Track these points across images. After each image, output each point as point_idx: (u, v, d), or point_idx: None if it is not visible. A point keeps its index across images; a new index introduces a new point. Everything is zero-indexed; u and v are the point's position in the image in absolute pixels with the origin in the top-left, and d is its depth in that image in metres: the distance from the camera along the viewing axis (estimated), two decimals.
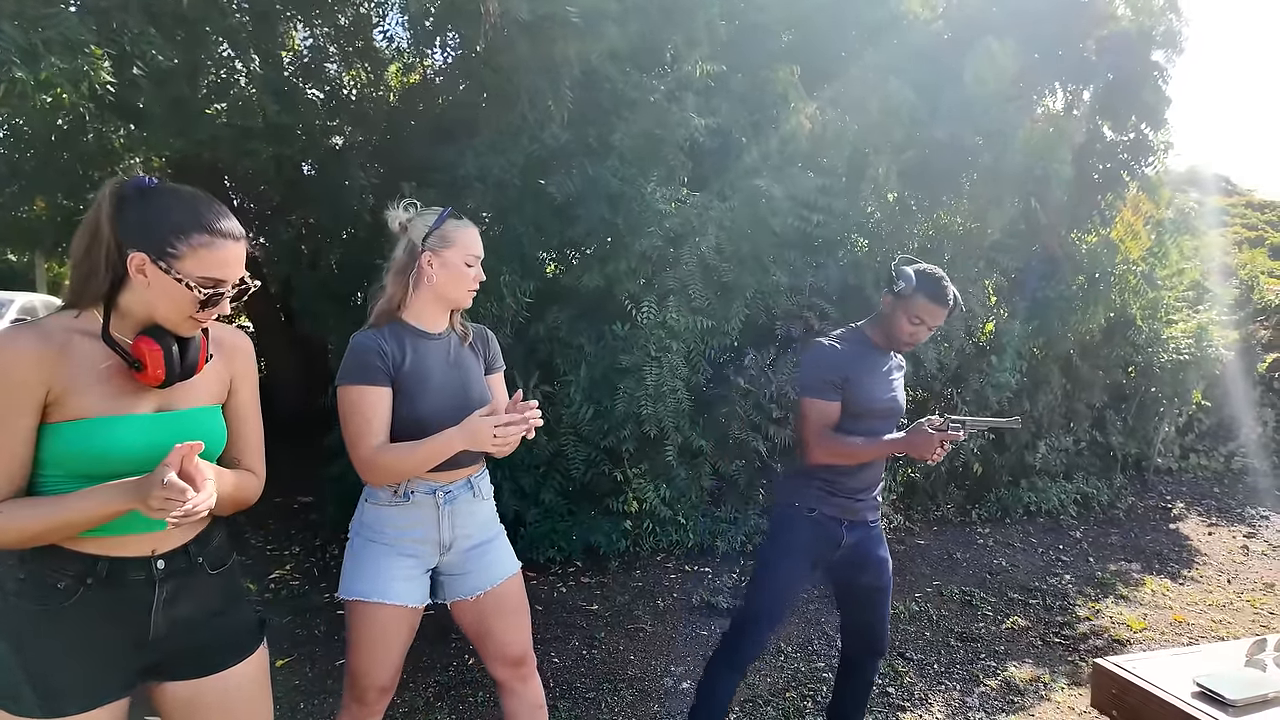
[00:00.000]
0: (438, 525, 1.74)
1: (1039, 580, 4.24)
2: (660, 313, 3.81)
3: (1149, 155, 5.20)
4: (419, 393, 1.68)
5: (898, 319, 2.08)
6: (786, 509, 2.15)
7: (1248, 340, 7.23)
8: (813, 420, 2.05)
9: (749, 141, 4.51)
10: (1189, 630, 3.65)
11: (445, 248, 1.71)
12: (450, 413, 1.66)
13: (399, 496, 1.70)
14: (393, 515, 1.70)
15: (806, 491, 2.12)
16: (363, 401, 1.63)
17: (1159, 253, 5.65)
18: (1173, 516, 5.52)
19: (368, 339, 1.67)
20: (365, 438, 1.62)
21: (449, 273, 1.72)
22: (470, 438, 1.57)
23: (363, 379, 1.63)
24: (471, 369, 1.82)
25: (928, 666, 3.23)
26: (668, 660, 3.19)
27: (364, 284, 5.00)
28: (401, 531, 1.71)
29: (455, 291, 1.74)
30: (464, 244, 1.73)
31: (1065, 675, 3.16)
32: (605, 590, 3.81)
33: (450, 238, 1.71)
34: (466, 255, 1.73)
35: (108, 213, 1.19)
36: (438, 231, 1.71)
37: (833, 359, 2.07)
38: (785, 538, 2.13)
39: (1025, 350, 5.14)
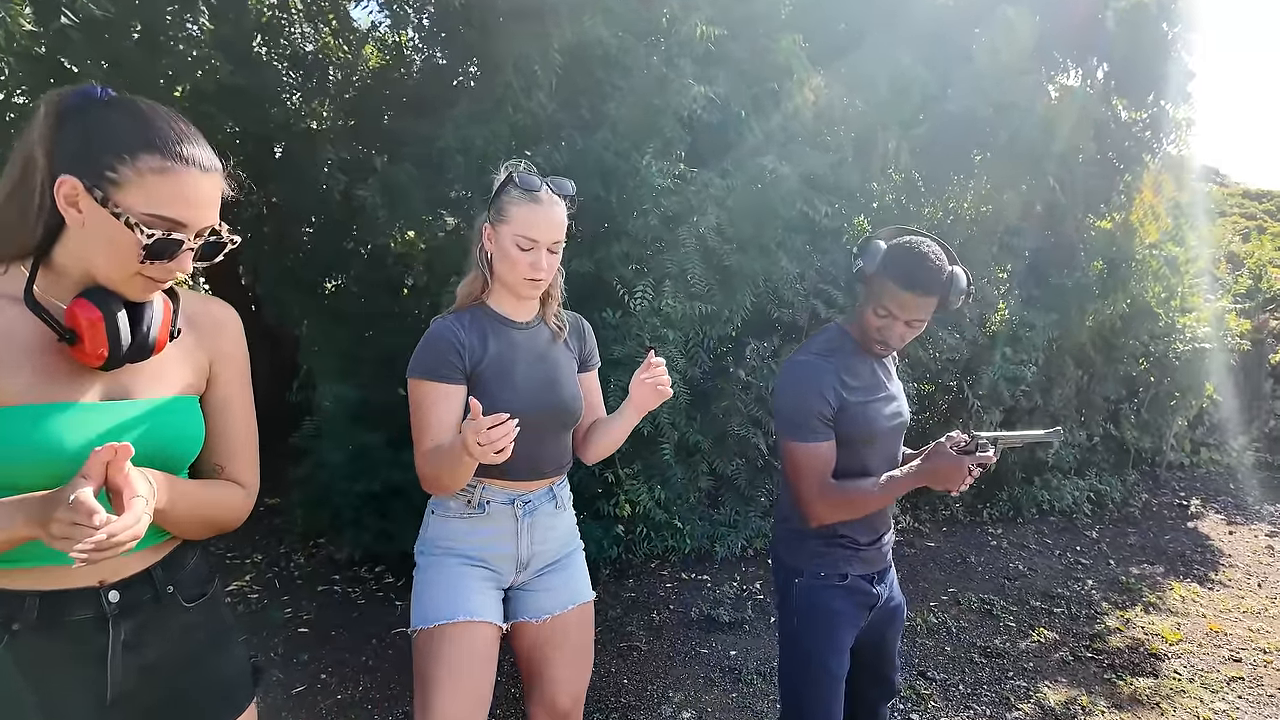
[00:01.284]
0: (516, 539, 1.54)
1: (1061, 586, 3.95)
2: (656, 299, 3.47)
3: (1170, 132, 4.91)
4: (500, 389, 1.46)
5: (863, 311, 1.61)
6: (812, 582, 1.64)
7: (1259, 330, 6.99)
8: (806, 471, 1.56)
9: (749, 116, 4.17)
10: (1227, 641, 3.37)
11: (500, 223, 1.48)
12: (535, 411, 1.47)
13: (473, 507, 1.51)
14: (465, 529, 1.51)
15: (830, 555, 1.64)
16: (426, 399, 1.44)
17: (1177, 237, 5.36)
18: (1190, 514, 5.26)
19: (444, 328, 1.47)
20: (423, 438, 1.43)
21: (501, 254, 1.48)
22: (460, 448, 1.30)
23: (430, 373, 1.44)
24: (562, 364, 1.58)
25: (952, 688, 2.93)
26: (665, 684, 2.87)
27: (333, 271, 4.66)
28: (477, 547, 1.51)
29: (509, 276, 1.49)
30: (520, 221, 1.45)
31: (1104, 697, 2.87)
32: (596, 604, 3.47)
33: (506, 212, 1.47)
34: (518, 236, 1.45)
35: (42, 133, 0.89)
36: (496, 202, 1.49)
37: (815, 383, 1.56)
38: (822, 621, 1.64)
39: (1041, 341, 4.84)
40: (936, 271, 1.53)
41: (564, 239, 1.52)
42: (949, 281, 1.54)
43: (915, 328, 1.58)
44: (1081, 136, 4.62)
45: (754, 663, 3.04)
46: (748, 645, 3.18)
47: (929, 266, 1.52)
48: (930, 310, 1.57)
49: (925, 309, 1.56)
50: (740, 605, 3.49)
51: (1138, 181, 5.08)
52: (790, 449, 1.58)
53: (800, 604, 1.66)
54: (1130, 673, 3.04)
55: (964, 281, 1.55)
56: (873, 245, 1.57)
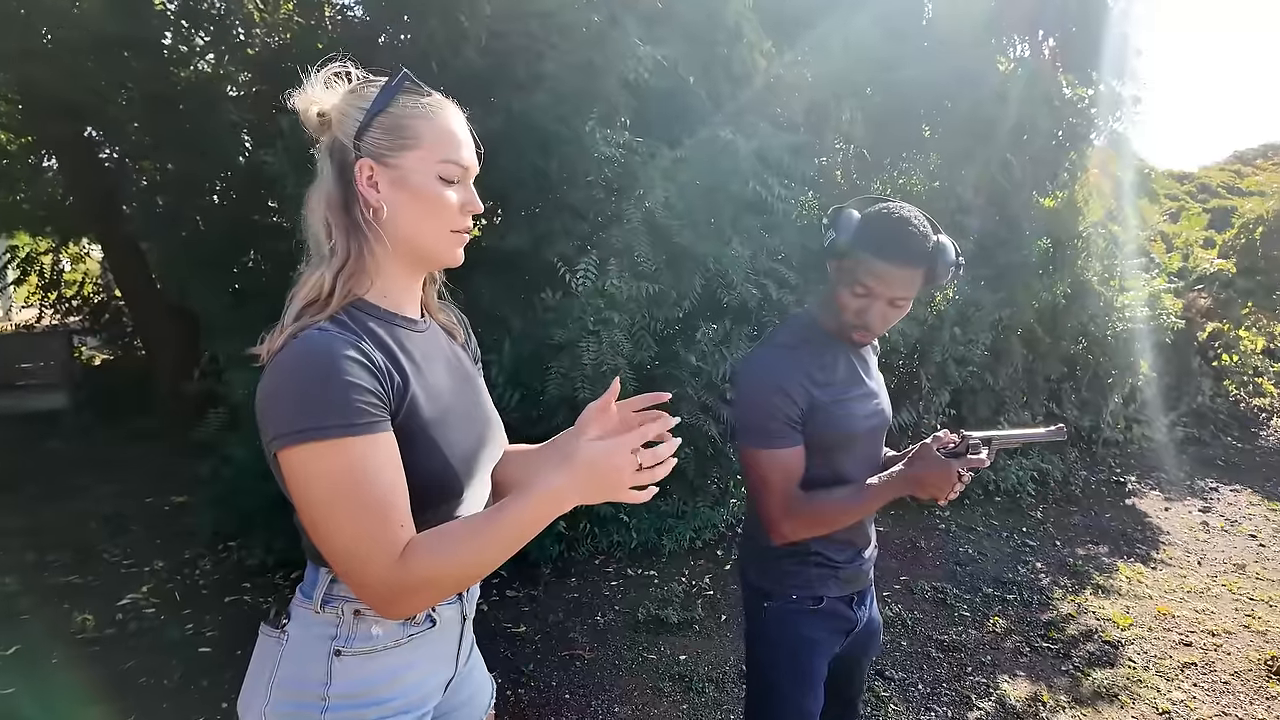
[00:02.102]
0: (457, 655, 1.08)
1: (1011, 571, 3.90)
2: (600, 278, 3.20)
3: (1117, 108, 4.87)
4: (441, 431, 0.94)
5: (836, 293, 1.36)
6: (784, 606, 1.43)
7: (1188, 309, 7.16)
8: (772, 481, 1.32)
9: (697, 82, 3.91)
10: (1176, 625, 3.35)
11: (400, 150, 0.92)
12: (481, 451, 1.03)
13: (413, 623, 0.99)
14: (397, 666, 0.97)
15: (803, 575, 1.43)
16: (354, 468, 0.83)
17: (1118, 216, 5.37)
18: (1127, 492, 5.32)
19: (333, 342, 0.85)
20: (376, 531, 0.83)
21: (413, 200, 0.92)
22: (591, 481, 0.87)
23: (340, 422, 0.82)
24: (476, 378, 1.13)
25: (911, 687, 2.80)
26: (611, 698, 2.65)
27: (242, 246, 4.22)
28: (412, 688, 0.99)
29: (428, 235, 0.95)
30: (437, 138, 0.93)
31: (1065, 691, 2.79)
32: (535, 606, 3.24)
33: (408, 131, 0.92)
34: (441, 159, 0.93)
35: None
36: (382, 119, 0.91)
37: (780, 380, 1.32)
38: (793, 651, 1.43)
39: (988, 321, 4.78)
40: (921, 239, 1.30)
41: None
42: (936, 251, 1.31)
43: (899, 307, 1.34)
44: (1034, 112, 4.53)
45: (705, 668, 2.85)
46: (698, 648, 2.99)
47: (912, 233, 1.29)
48: (916, 286, 1.33)
49: (910, 284, 1.31)
50: (689, 604, 3.30)
51: (1083, 159, 5.04)
52: (752, 457, 1.35)
53: (770, 631, 1.45)
54: (1088, 663, 2.97)
55: (952, 251, 1.33)
56: (845, 214, 1.34)
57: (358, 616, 0.94)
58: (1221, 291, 7.48)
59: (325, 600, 0.95)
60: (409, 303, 1.01)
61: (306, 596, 0.97)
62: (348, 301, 0.93)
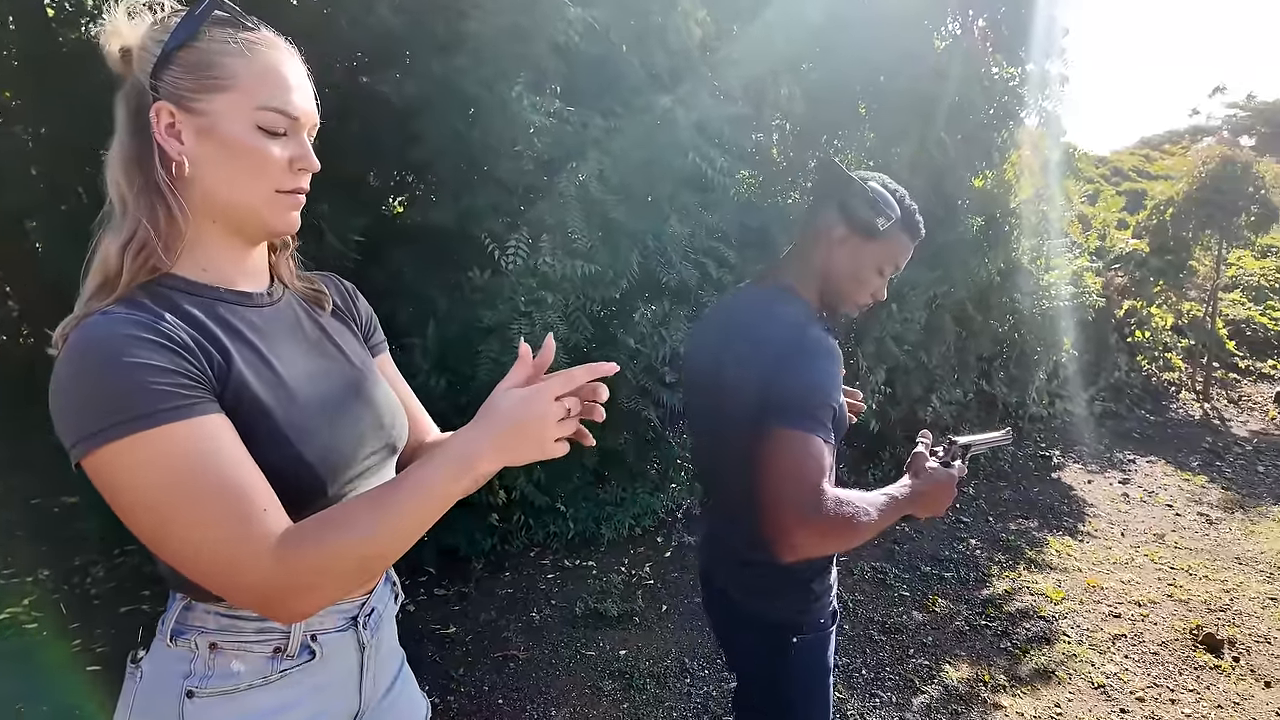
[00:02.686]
0: (359, 682, 0.90)
1: (947, 548, 3.92)
2: (531, 257, 3.01)
3: (1046, 88, 4.92)
4: (287, 415, 0.77)
5: (864, 271, 1.24)
6: (815, 636, 1.26)
7: (1106, 287, 7.42)
8: (812, 470, 1.05)
9: (630, 50, 3.73)
10: (1105, 596, 3.42)
11: (208, 92, 0.73)
12: (351, 442, 0.84)
13: (285, 656, 0.81)
14: (264, 706, 0.80)
15: (827, 593, 1.29)
16: (179, 457, 0.67)
17: (1046, 195, 5.46)
18: (1053, 466, 5.48)
19: (116, 324, 0.68)
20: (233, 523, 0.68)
21: (223, 153, 0.75)
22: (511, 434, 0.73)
23: (142, 412, 0.66)
24: (354, 351, 0.93)
25: (855, 673, 2.75)
26: (547, 701, 2.51)
27: None
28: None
29: (246, 196, 0.77)
30: (255, 78, 0.75)
31: (1004, 671, 2.79)
32: (466, 604, 3.06)
33: (218, 68, 0.73)
34: (261, 105, 0.75)
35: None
36: (185, 54, 0.73)
37: (838, 366, 1.14)
38: (823, 683, 1.29)
39: (923, 299, 4.79)
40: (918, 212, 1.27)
41: None
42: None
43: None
44: (967, 91, 4.52)
45: (646, 663, 2.74)
46: (639, 642, 2.88)
47: (916, 208, 1.26)
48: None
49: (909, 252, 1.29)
50: (629, 594, 3.18)
51: (1014, 138, 5.08)
52: (790, 438, 1.06)
53: (801, 670, 1.25)
54: (1026, 641, 2.99)
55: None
56: (883, 195, 1.20)
57: (214, 650, 0.78)
58: (1136, 270, 7.79)
59: (176, 631, 0.79)
60: (241, 275, 0.83)
61: (161, 626, 0.81)
62: (149, 278, 0.75)
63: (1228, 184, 7.29)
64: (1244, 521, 4.44)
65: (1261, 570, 3.75)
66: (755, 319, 1.23)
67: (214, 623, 0.79)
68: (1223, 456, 5.87)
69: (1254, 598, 3.43)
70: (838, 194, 1.22)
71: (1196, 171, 7.55)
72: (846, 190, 1.21)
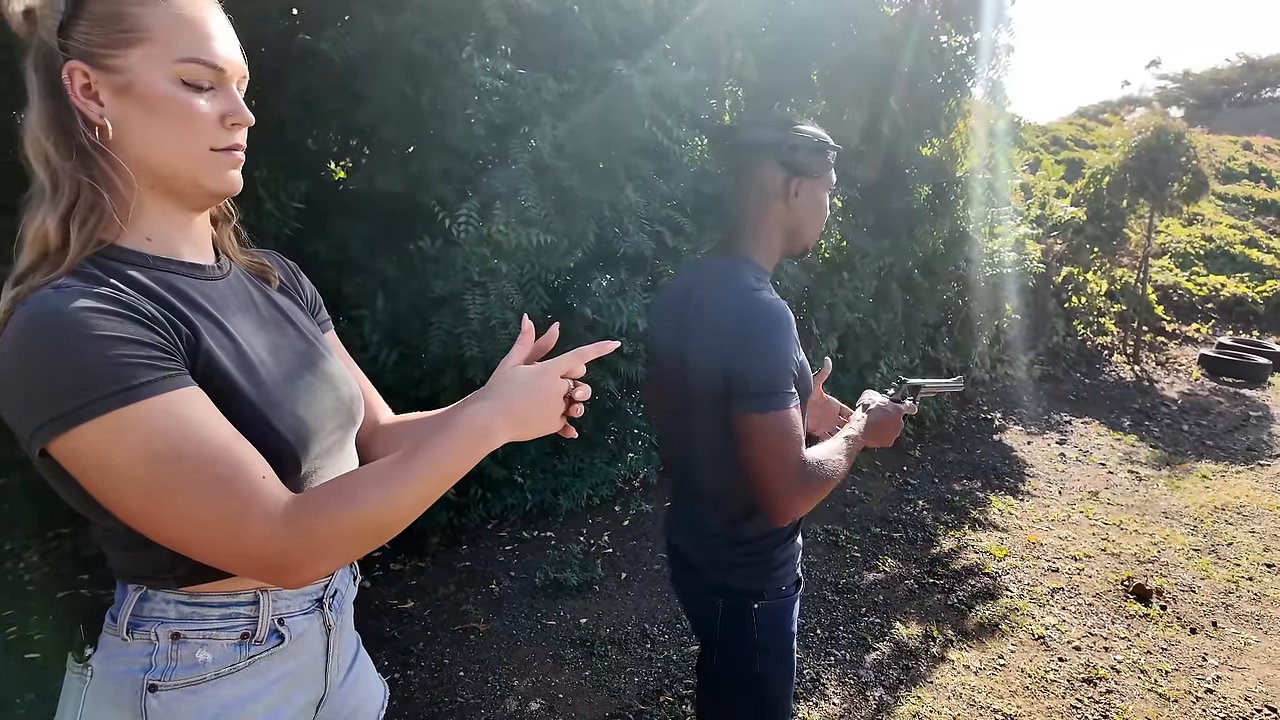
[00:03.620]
0: (325, 666, 0.88)
1: (896, 510, 4.04)
2: (484, 225, 2.94)
3: (992, 58, 4.98)
4: (252, 389, 0.74)
5: (823, 206, 1.29)
6: (776, 602, 1.27)
7: (1045, 255, 7.64)
8: (788, 448, 1.11)
9: (583, 12, 3.63)
10: (1044, 552, 3.58)
11: (120, 46, 0.69)
12: (317, 420, 0.81)
13: (255, 643, 0.78)
14: (233, 695, 0.77)
15: (791, 558, 1.30)
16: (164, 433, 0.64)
17: (992, 164, 5.57)
18: (995, 428, 5.67)
19: (74, 296, 0.63)
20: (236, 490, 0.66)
21: (143, 111, 0.70)
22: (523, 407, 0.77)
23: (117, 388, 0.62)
24: (306, 327, 0.90)
25: (810, 633, 2.83)
26: (509, 671, 2.52)
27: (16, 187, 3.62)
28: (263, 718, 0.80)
29: (175, 157, 0.72)
30: (171, 28, 0.70)
31: (951, 626, 2.90)
32: (423, 579, 3.03)
33: (127, 18, 0.69)
34: (180, 57, 0.70)
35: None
36: (91, 5, 0.68)
37: (790, 329, 1.16)
38: (787, 650, 1.30)
39: (873, 267, 4.86)
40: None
41: None
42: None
43: None
44: (917, 58, 4.55)
45: (607, 629, 2.77)
46: (599, 610, 2.90)
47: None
48: None
49: None
50: (589, 564, 3.19)
51: (961, 106, 5.15)
52: (766, 424, 1.11)
53: (765, 636, 1.26)
54: (971, 597, 3.11)
55: None
56: (816, 134, 1.25)
57: (176, 640, 0.75)
58: (1073, 238, 8.04)
59: (133, 624, 0.75)
60: (187, 246, 0.79)
61: (113, 619, 0.76)
62: (94, 250, 0.70)
63: (1161, 154, 7.54)
64: (1170, 478, 4.69)
65: (1186, 523, 3.97)
66: (713, 295, 1.23)
67: (175, 611, 0.75)
68: (1151, 416, 6.17)
69: (1179, 549, 3.64)
70: (773, 149, 1.23)
71: (1131, 141, 7.78)
72: (788, 142, 1.22)
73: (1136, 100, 28.56)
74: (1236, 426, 5.87)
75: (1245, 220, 12.15)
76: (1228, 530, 3.87)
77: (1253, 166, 14.65)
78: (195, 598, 0.76)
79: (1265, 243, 11.28)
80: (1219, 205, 12.55)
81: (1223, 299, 9.78)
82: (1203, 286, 9.97)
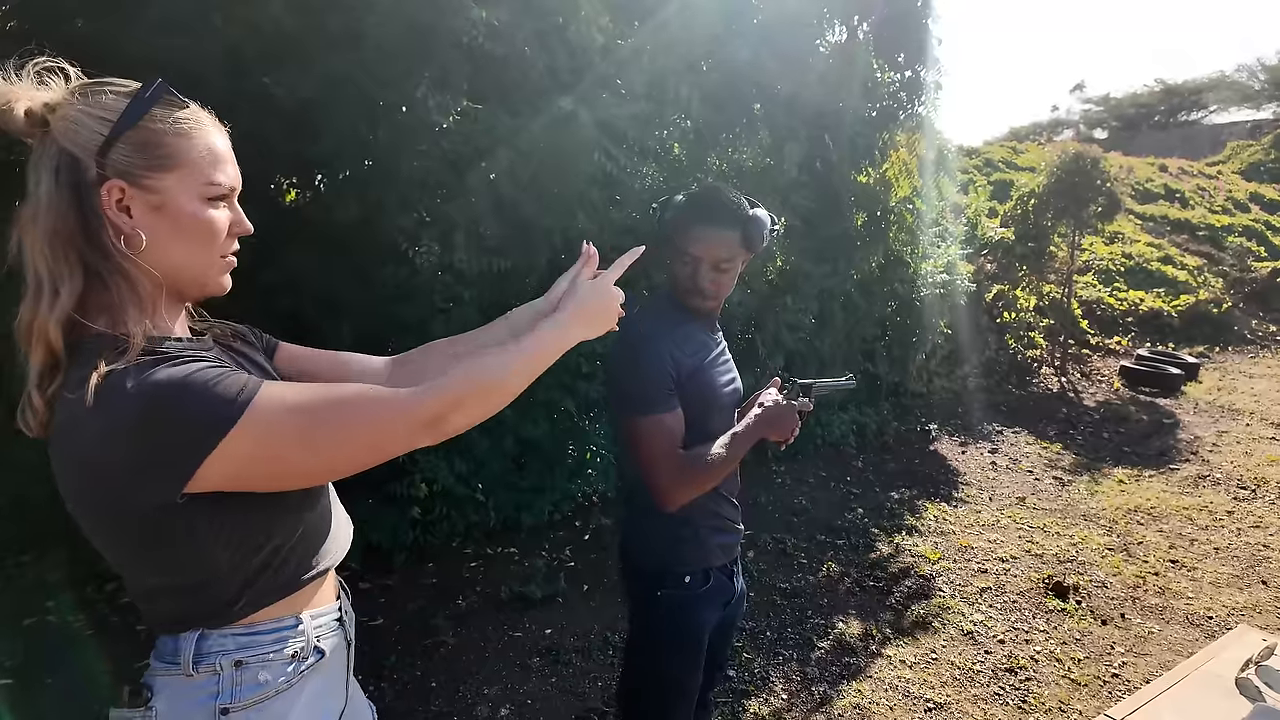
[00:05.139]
0: (346, 674, 1.03)
1: (839, 518, 4.29)
2: (446, 254, 3.09)
3: (920, 94, 5.34)
4: None
5: (675, 268, 1.47)
6: (679, 594, 1.47)
7: (977, 273, 8.09)
8: (660, 447, 1.37)
9: (534, 53, 3.82)
10: (974, 555, 3.86)
11: (158, 170, 0.81)
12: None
13: (302, 658, 0.92)
14: (289, 708, 0.90)
15: (694, 548, 1.48)
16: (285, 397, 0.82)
17: (922, 192, 5.93)
18: (931, 438, 6.00)
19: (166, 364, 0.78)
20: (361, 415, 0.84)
21: (177, 227, 0.83)
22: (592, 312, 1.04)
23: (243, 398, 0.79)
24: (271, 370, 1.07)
25: (760, 635, 3.03)
26: (479, 681, 2.65)
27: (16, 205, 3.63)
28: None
29: (197, 264, 0.87)
30: (198, 158, 0.84)
31: (889, 624, 3.14)
32: (391, 596, 3.14)
33: (167, 148, 0.81)
34: (206, 180, 0.84)
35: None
36: (133, 134, 0.80)
37: (654, 351, 1.40)
38: (690, 641, 1.49)
39: (815, 289, 5.15)
40: (735, 206, 1.44)
41: None
42: (749, 217, 1.44)
43: (725, 271, 1.45)
44: (852, 94, 4.87)
45: (572, 639, 2.92)
46: (563, 621, 3.05)
47: (722, 200, 1.45)
48: (733, 247, 1.44)
49: (727, 245, 1.43)
50: (552, 577, 3.34)
51: (893, 139, 5.50)
52: (636, 427, 1.39)
53: (666, 622, 1.48)
54: (907, 597, 3.36)
55: (766, 219, 1.46)
56: (671, 199, 1.52)
57: (239, 667, 0.87)
58: (1003, 257, 8.52)
59: (197, 660, 0.86)
60: (179, 327, 0.91)
61: (170, 663, 0.87)
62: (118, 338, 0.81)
63: (1080, 177, 8.09)
64: (1089, 483, 5.05)
65: (1102, 525, 4.31)
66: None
67: (233, 643, 0.87)
68: (1075, 425, 6.59)
69: (1095, 549, 3.96)
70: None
71: (1053, 166, 8.32)
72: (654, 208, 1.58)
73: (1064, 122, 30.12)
74: (1150, 433, 6.32)
75: (1162, 239, 12.95)
76: (1139, 530, 4.22)
77: (1168, 187, 15.60)
78: (250, 628, 0.88)
79: (1179, 260, 12.05)
80: (1138, 224, 13.36)
81: (1141, 313, 10.43)
82: (1123, 301, 10.61)
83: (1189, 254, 12.42)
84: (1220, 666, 1.65)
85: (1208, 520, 4.38)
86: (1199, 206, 14.75)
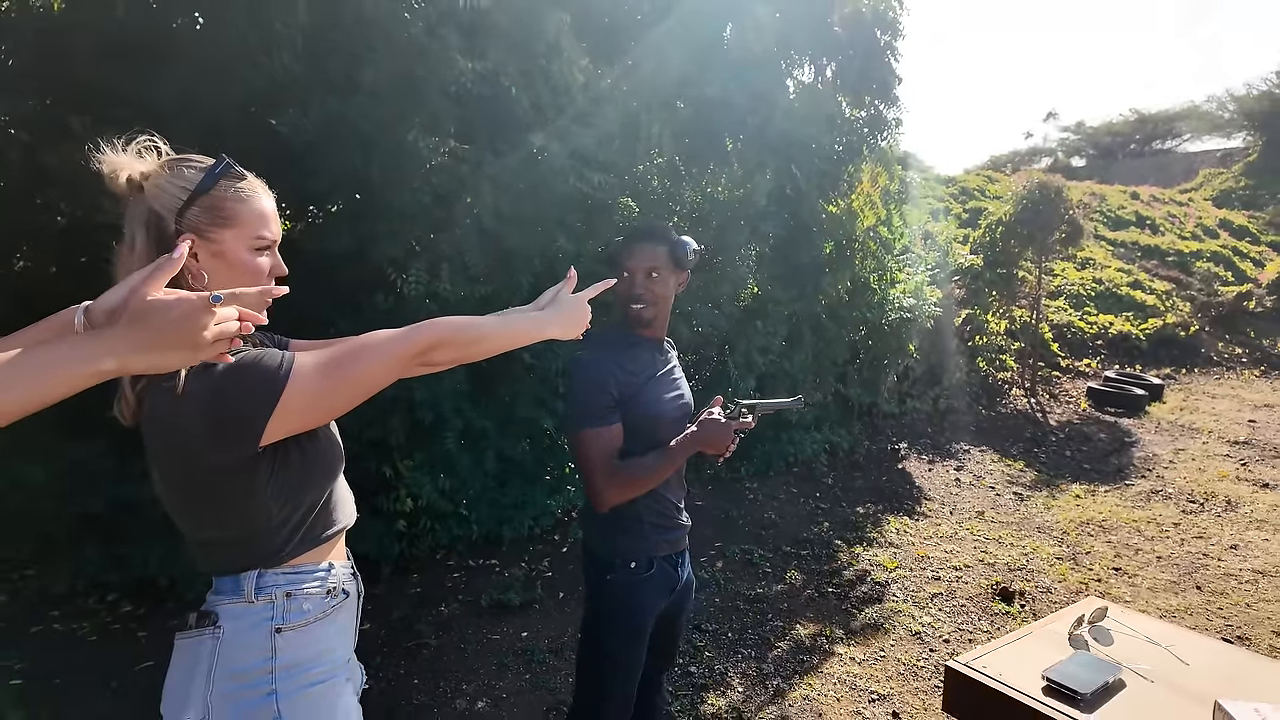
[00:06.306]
0: (356, 622, 1.29)
1: (805, 530, 4.51)
2: (431, 282, 3.33)
3: (883, 130, 5.66)
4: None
5: (619, 289, 1.71)
6: (624, 578, 1.70)
7: (947, 298, 8.40)
8: (596, 456, 1.62)
9: (519, 92, 4.11)
10: (930, 564, 4.09)
11: (219, 227, 1.08)
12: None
13: (333, 595, 1.18)
14: (323, 634, 1.15)
15: (638, 541, 1.71)
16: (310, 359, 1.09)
17: (888, 221, 6.24)
18: (900, 457, 6.25)
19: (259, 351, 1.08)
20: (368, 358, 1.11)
21: (230, 271, 1.09)
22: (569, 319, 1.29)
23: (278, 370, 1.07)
24: None
25: (722, 636, 3.24)
26: (458, 678, 2.85)
27: (20, 246, 3.86)
28: (336, 653, 1.18)
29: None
30: (251, 218, 1.10)
31: (841, 625, 3.35)
32: (378, 604, 3.33)
33: (227, 211, 1.08)
34: (255, 235, 1.11)
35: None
36: (203, 199, 1.06)
37: (598, 373, 1.65)
38: (631, 621, 1.71)
39: (784, 314, 5.42)
40: (663, 229, 1.75)
41: None
42: (676, 239, 1.73)
43: (655, 280, 1.71)
44: (818, 129, 5.18)
45: (545, 640, 3.12)
46: (539, 625, 3.25)
47: (654, 225, 1.77)
48: (661, 258, 1.71)
49: (656, 257, 1.71)
50: (530, 586, 3.54)
51: (859, 172, 5.81)
52: (578, 438, 1.64)
53: (612, 605, 1.72)
54: (861, 602, 3.58)
55: (691, 241, 1.75)
56: (615, 241, 1.79)
57: (289, 597, 1.12)
58: (973, 283, 8.85)
59: (258, 591, 1.11)
60: None
61: (234, 594, 1.11)
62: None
63: (1045, 205, 8.44)
64: (1047, 498, 5.31)
65: (1054, 536, 4.55)
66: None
67: (284, 580, 1.12)
68: (1040, 444, 6.85)
69: (1045, 558, 4.20)
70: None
71: (1019, 194, 8.69)
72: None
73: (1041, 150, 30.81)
74: (1111, 451, 6.59)
75: (1132, 264, 13.36)
76: (1088, 541, 4.47)
77: (1139, 214, 16.09)
78: (296, 569, 1.13)
79: (1148, 284, 12.45)
80: (1109, 250, 13.79)
81: (1111, 336, 10.77)
82: (1093, 325, 10.96)
83: (1158, 279, 12.81)
84: (1061, 626, 1.91)
85: (1154, 532, 4.63)
86: (1169, 233, 15.21)
